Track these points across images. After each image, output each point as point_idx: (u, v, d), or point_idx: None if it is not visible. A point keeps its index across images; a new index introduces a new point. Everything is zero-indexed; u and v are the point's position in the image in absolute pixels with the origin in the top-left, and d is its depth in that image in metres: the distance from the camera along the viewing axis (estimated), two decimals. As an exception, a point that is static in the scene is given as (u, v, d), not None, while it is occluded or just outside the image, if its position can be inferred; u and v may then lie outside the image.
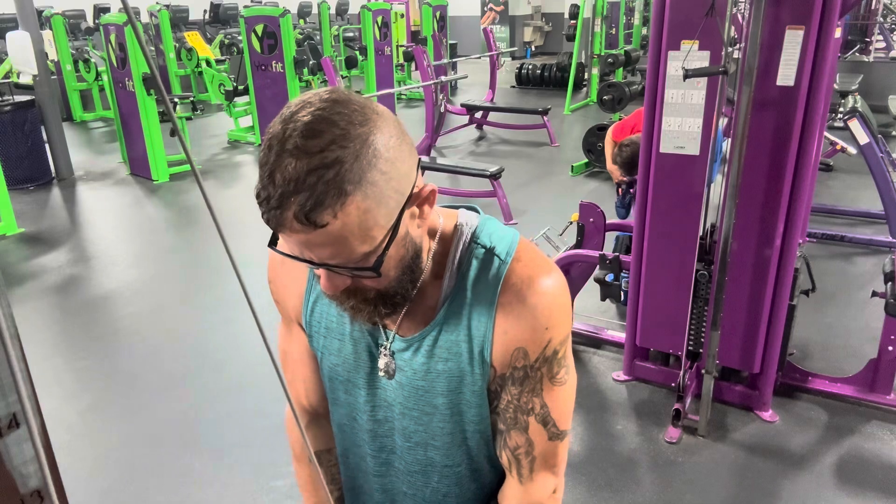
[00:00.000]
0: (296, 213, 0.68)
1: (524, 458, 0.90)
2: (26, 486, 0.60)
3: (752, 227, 2.48)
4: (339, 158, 0.67)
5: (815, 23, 2.21)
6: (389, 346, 0.90)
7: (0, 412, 0.56)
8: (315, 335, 0.97)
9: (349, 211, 0.69)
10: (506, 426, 0.90)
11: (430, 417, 0.92)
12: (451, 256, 0.87)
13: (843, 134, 4.72)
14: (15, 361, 0.53)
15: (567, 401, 0.91)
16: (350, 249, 0.72)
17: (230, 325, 3.61)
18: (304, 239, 0.71)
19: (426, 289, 0.87)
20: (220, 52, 11.95)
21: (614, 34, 11.95)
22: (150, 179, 6.51)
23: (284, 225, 0.69)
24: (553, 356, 0.87)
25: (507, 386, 0.88)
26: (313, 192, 0.67)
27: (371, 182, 0.69)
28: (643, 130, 2.63)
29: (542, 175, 6.54)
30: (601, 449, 2.62)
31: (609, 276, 3.18)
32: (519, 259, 0.85)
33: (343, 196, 0.68)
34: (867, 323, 3.33)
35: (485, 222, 0.89)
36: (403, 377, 0.91)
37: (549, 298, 0.84)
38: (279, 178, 0.68)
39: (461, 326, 0.86)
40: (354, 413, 0.98)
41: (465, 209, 0.91)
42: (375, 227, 0.72)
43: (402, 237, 0.77)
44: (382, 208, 0.72)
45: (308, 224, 0.68)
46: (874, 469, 2.47)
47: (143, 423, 2.85)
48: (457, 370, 0.88)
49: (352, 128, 0.69)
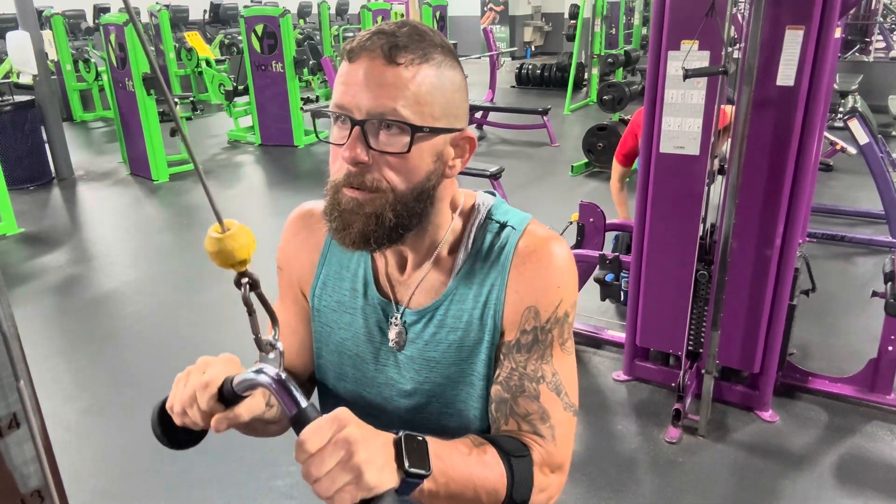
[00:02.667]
0: (383, 44, 0.76)
1: (541, 423, 0.86)
2: (26, 486, 0.60)
3: (752, 227, 2.48)
4: (435, 42, 0.79)
5: (815, 23, 2.21)
6: (401, 318, 0.91)
7: (0, 412, 0.56)
8: (324, 309, 0.98)
9: (422, 72, 0.77)
10: (511, 394, 0.87)
11: (442, 388, 0.92)
12: (466, 232, 0.90)
13: (843, 134, 4.72)
14: (15, 361, 0.53)
15: (574, 374, 0.91)
16: (403, 102, 0.76)
17: (230, 325, 3.61)
18: (372, 70, 0.76)
19: (441, 262, 0.90)
20: (220, 52, 11.96)
21: (614, 34, 11.96)
22: (150, 179, 6.51)
23: (366, 49, 0.76)
24: (564, 318, 0.88)
25: (512, 353, 0.87)
26: (406, 39, 0.77)
27: (446, 77, 0.80)
28: (643, 130, 2.63)
29: (542, 175, 6.55)
30: (601, 449, 2.62)
31: (609, 276, 3.18)
32: (532, 231, 0.89)
33: (424, 59, 0.77)
34: (867, 323, 3.32)
35: (500, 203, 0.93)
36: (414, 349, 0.91)
37: (561, 259, 0.87)
38: (377, 29, 0.78)
39: (471, 295, 0.88)
40: (363, 388, 0.98)
41: (483, 192, 0.95)
42: (429, 107, 0.78)
43: (436, 151, 0.81)
44: (443, 100, 0.79)
45: (388, 57, 0.75)
46: (874, 469, 2.47)
47: (143, 422, 2.84)
48: (467, 339, 0.89)
49: (446, 44, 0.81)
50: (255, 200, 6.27)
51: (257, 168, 7.23)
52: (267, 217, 5.68)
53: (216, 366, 0.78)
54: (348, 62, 0.78)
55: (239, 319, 3.70)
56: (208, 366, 0.79)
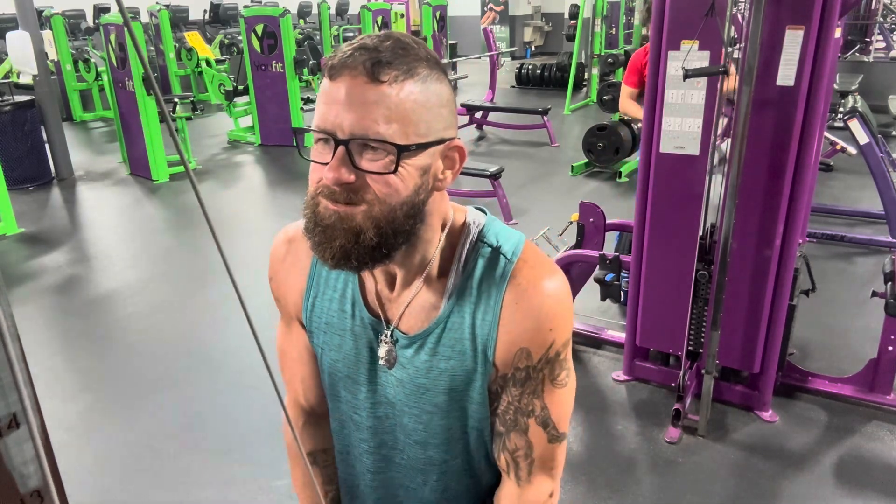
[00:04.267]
0: (364, 61, 0.73)
1: (523, 460, 0.90)
2: (26, 486, 0.60)
3: (752, 227, 2.48)
4: (419, 55, 0.76)
5: (815, 23, 2.21)
6: (391, 337, 0.90)
7: (0, 412, 0.56)
8: (315, 331, 0.96)
9: (406, 88, 0.74)
10: (505, 428, 0.90)
11: (430, 416, 0.92)
12: (457, 253, 0.87)
13: (843, 134, 4.71)
14: (15, 361, 0.53)
15: (567, 403, 0.91)
16: (386, 123, 0.74)
17: (230, 325, 3.61)
18: (354, 89, 0.73)
19: (431, 284, 0.88)
20: (220, 52, 11.95)
21: (614, 34, 11.96)
22: (150, 179, 6.50)
23: (348, 67, 0.73)
24: (555, 358, 0.87)
25: (508, 387, 0.88)
26: (388, 55, 0.73)
27: (432, 90, 0.76)
28: (643, 130, 2.63)
29: (542, 175, 6.54)
30: (601, 449, 2.62)
31: (609, 276, 3.18)
32: (525, 260, 0.86)
33: (408, 74, 0.74)
34: (867, 323, 3.32)
35: (491, 222, 0.90)
36: (405, 374, 0.90)
37: (554, 300, 0.85)
38: (359, 44, 0.75)
39: (465, 325, 0.86)
40: (355, 410, 0.98)
41: (474, 209, 0.92)
42: (415, 125, 0.75)
43: (423, 169, 0.78)
44: (428, 117, 0.76)
45: (370, 74, 0.72)
46: (874, 469, 2.47)
47: (143, 422, 2.85)
48: (460, 369, 0.88)
49: (432, 57, 0.78)
50: (255, 200, 6.26)
51: (257, 168, 7.23)
52: (267, 217, 5.68)
53: None
54: (329, 80, 0.74)
55: (238, 319, 3.70)
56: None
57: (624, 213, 3.95)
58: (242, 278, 0.67)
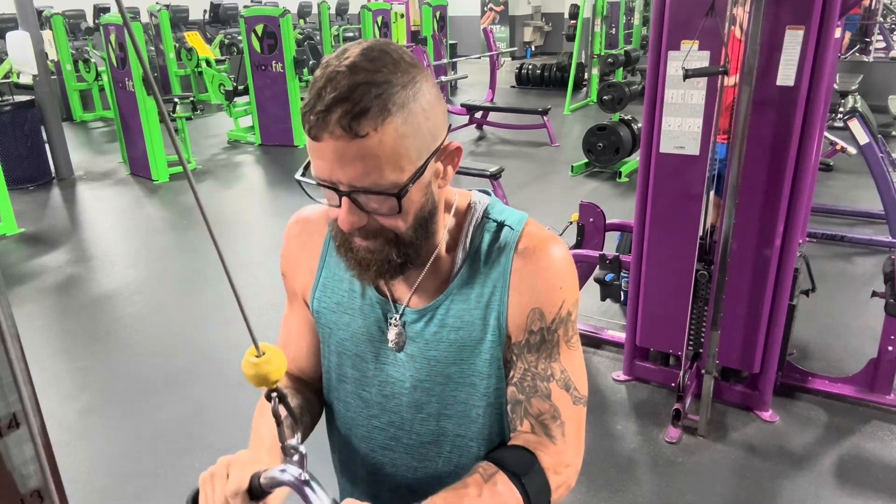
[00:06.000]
0: (339, 119, 0.71)
1: (552, 422, 0.90)
2: (26, 486, 0.60)
3: (752, 227, 2.48)
4: (389, 80, 0.72)
5: (815, 23, 2.21)
6: (400, 318, 0.92)
7: (0, 412, 0.56)
8: (324, 311, 0.98)
9: (388, 130, 0.72)
10: (525, 395, 0.91)
11: (442, 387, 0.93)
12: (464, 231, 0.91)
13: (843, 134, 4.71)
14: (15, 361, 0.53)
15: (582, 366, 0.94)
16: (379, 171, 0.74)
17: (230, 325, 3.61)
18: (339, 150, 0.72)
19: (439, 262, 0.90)
20: (220, 52, 11.95)
21: (614, 34, 11.96)
22: (150, 179, 6.51)
23: (326, 129, 0.72)
24: (567, 317, 0.89)
25: (524, 354, 0.90)
26: (360, 102, 0.71)
27: (412, 112, 0.74)
28: (643, 130, 2.63)
29: (542, 175, 6.54)
30: (601, 449, 2.62)
31: (609, 276, 3.18)
32: (529, 230, 0.90)
33: (386, 113, 0.72)
34: (867, 323, 3.32)
35: (495, 202, 0.94)
36: (415, 348, 0.92)
37: (561, 261, 0.89)
38: (330, 89, 0.71)
39: (473, 295, 0.89)
40: (363, 387, 0.98)
41: (478, 191, 0.96)
42: (407, 156, 0.75)
43: (426, 184, 0.80)
44: (417, 141, 0.76)
45: (349, 132, 0.71)
46: (874, 469, 2.47)
47: (142, 422, 2.85)
48: (469, 338, 0.90)
49: (403, 63, 0.74)
50: (254, 200, 6.26)
51: (257, 168, 7.23)
52: (267, 217, 5.68)
53: (238, 469, 0.80)
54: (312, 139, 0.74)
55: (238, 319, 3.68)
56: (230, 466, 0.81)
57: (624, 213, 3.95)
58: (242, 278, 0.67)
